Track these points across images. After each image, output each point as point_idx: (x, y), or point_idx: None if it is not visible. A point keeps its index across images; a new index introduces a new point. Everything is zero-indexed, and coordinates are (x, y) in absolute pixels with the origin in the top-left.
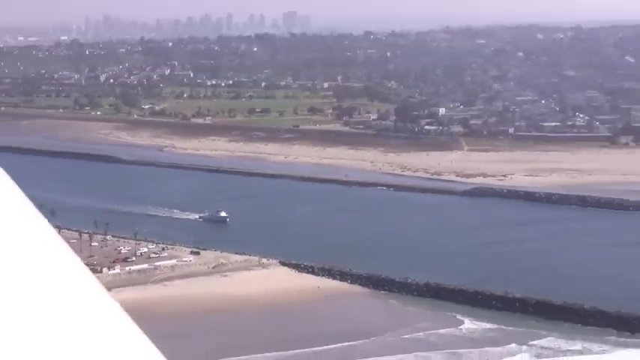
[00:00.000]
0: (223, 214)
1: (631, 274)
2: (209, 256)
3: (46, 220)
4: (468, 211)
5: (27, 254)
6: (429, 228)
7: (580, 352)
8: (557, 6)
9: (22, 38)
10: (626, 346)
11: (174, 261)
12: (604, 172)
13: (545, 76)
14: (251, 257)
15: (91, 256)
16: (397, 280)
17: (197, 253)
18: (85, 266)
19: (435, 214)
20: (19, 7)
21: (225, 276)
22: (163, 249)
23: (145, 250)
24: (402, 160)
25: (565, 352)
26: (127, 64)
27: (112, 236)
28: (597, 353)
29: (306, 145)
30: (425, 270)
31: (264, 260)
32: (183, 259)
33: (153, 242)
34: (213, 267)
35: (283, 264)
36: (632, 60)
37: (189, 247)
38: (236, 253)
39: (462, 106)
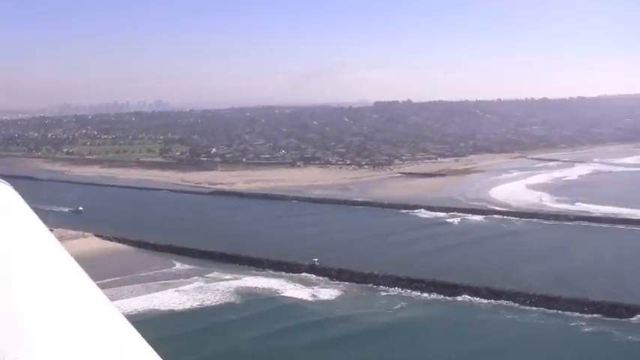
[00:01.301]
0: (81, 208)
1: (271, 232)
2: (58, 231)
3: (46, 228)
4: (209, 202)
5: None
6: (183, 210)
7: (230, 280)
8: (288, 95)
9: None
10: (256, 275)
11: None
12: (284, 180)
13: (270, 132)
14: (79, 232)
15: None
16: (151, 242)
17: (51, 230)
18: (84, 273)
19: (189, 204)
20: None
21: (63, 242)
22: None
23: None
24: (185, 176)
25: (222, 279)
26: (63, 129)
27: None
28: (239, 279)
29: (139, 169)
30: (169, 234)
31: (86, 233)
32: None
33: None
34: (59, 237)
35: (96, 235)
36: (316, 123)
37: (50, 227)
38: (73, 230)
39: (225, 147)
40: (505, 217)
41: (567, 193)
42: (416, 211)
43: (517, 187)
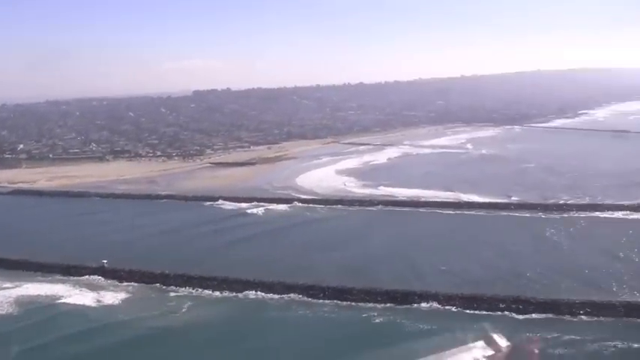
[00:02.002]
0: None
1: (65, 232)
2: None
3: None
4: (6, 203)
5: None
6: None
7: (10, 288)
8: (108, 86)
9: None
10: (42, 281)
11: None
12: (91, 176)
13: (85, 125)
14: None
15: None
16: None
17: None
18: None
19: None
20: None
21: None
22: None
23: None
24: None
25: (1, 288)
26: None
27: None
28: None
29: None
30: None
31: None
32: None
33: None
34: None
35: None
36: (132, 114)
37: None
38: None
39: (34, 142)
40: (310, 205)
41: (374, 177)
42: (219, 202)
43: (325, 173)
